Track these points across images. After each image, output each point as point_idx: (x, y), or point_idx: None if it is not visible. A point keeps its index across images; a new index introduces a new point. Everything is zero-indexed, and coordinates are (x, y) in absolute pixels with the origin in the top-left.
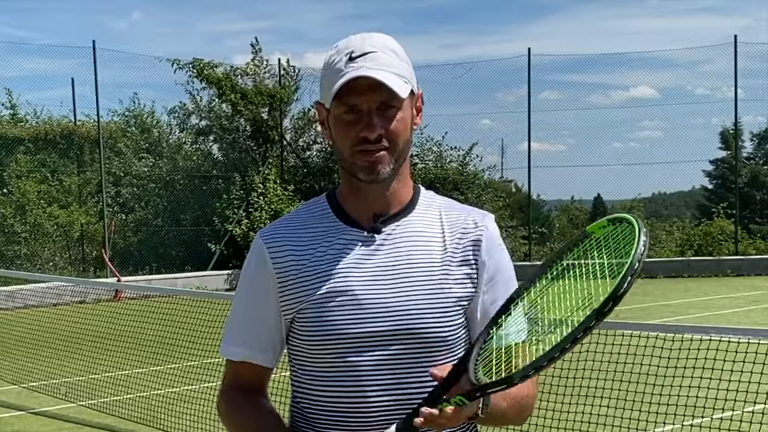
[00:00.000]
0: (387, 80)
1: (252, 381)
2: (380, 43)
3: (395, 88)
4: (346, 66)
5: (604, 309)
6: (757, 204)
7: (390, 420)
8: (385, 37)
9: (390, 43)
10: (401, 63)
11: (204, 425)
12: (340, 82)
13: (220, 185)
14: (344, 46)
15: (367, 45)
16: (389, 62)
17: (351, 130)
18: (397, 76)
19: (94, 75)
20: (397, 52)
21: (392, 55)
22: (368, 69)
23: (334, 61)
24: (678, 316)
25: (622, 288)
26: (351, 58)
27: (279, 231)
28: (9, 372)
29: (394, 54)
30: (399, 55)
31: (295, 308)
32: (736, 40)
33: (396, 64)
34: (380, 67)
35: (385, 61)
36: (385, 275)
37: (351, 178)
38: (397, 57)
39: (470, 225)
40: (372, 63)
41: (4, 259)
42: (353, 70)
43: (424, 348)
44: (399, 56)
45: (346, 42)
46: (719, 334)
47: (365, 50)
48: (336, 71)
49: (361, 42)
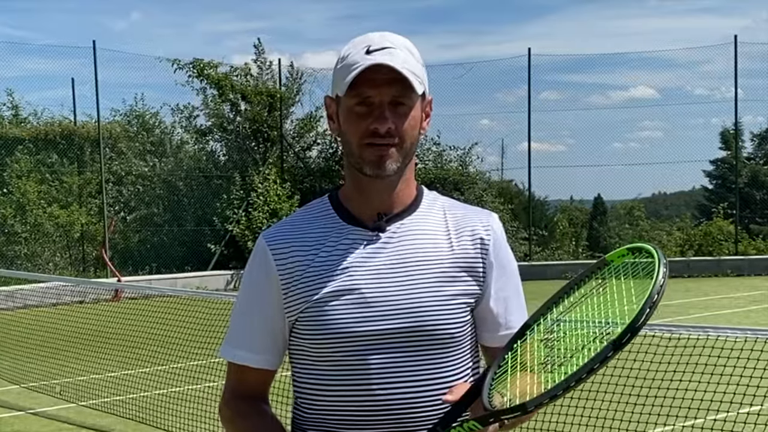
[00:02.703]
0: (404, 73)
1: (254, 385)
2: (398, 42)
3: (411, 81)
4: (363, 58)
5: (621, 340)
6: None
7: (397, 418)
8: (403, 37)
9: (407, 43)
10: (417, 63)
11: (204, 425)
12: (357, 70)
13: (220, 185)
14: (361, 41)
15: (385, 41)
16: (406, 59)
17: (362, 122)
18: (413, 74)
19: (94, 75)
20: (413, 53)
21: (409, 54)
22: (386, 60)
23: (350, 53)
24: (678, 316)
25: (640, 320)
26: (368, 51)
27: (282, 232)
28: (9, 372)
29: (410, 54)
30: (415, 56)
31: (299, 308)
32: (736, 40)
33: (412, 62)
34: (398, 62)
35: (402, 58)
36: (391, 273)
37: (356, 174)
38: (413, 57)
39: (476, 225)
40: (390, 57)
41: (4, 259)
42: (370, 60)
43: (431, 346)
44: (415, 57)
45: (364, 38)
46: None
47: (384, 45)
48: (351, 63)
49: (380, 38)
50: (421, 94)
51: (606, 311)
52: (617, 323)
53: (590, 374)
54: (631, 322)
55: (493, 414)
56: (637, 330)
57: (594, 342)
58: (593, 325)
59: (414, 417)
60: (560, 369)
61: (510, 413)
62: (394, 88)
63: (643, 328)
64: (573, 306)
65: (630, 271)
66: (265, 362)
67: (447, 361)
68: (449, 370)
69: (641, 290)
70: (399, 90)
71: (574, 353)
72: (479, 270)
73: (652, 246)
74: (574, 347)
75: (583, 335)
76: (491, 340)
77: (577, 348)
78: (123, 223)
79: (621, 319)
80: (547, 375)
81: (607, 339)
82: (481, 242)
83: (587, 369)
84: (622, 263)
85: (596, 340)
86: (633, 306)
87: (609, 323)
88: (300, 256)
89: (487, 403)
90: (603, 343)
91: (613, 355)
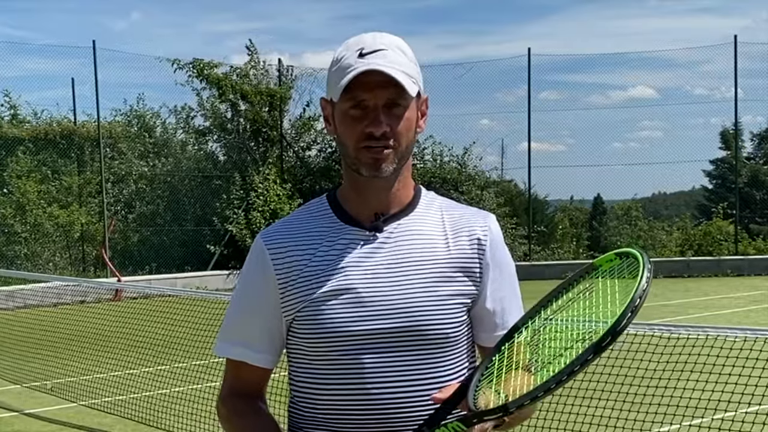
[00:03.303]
0: (397, 77)
1: (251, 383)
2: (391, 42)
3: (404, 84)
4: (356, 62)
5: (602, 343)
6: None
7: (393, 418)
8: (396, 37)
9: (400, 43)
10: (410, 63)
11: (204, 425)
12: (350, 75)
13: (220, 185)
14: (354, 43)
15: (378, 43)
16: (399, 61)
17: (357, 125)
18: (406, 75)
19: (94, 75)
20: (406, 53)
21: (402, 54)
22: (378, 65)
23: (344, 56)
24: (678, 316)
25: (621, 324)
26: (361, 54)
27: (280, 232)
28: (9, 372)
29: (403, 54)
30: (408, 56)
31: (296, 308)
32: (736, 40)
33: (405, 63)
34: (390, 65)
35: (395, 60)
36: (388, 273)
37: (353, 175)
38: (406, 57)
39: (473, 225)
40: (383, 60)
41: (4, 259)
42: (363, 65)
43: (426, 346)
44: (408, 57)
45: (357, 39)
46: (717, 333)
47: (376, 47)
48: (345, 66)
49: (372, 40)
50: (416, 94)
51: (591, 315)
52: (600, 326)
53: (571, 376)
54: (612, 326)
55: (476, 415)
56: (618, 333)
57: (577, 344)
58: (578, 329)
59: (408, 416)
60: (543, 371)
61: (492, 414)
62: (388, 91)
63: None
64: (561, 309)
65: (616, 276)
66: (262, 360)
67: (442, 361)
68: (444, 370)
69: (626, 294)
70: (393, 92)
71: (557, 356)
72: (476, 270)
73: (638, 250)
74: (558, 350)
75: (568, 338)
76: (488, 341)
77: (560, 351)
78: (123, 223)
79: (604, 323)
80: (530, 377)
81: (589, 341)
82: (478, 243)
83: (568, 371)
84: (609, 267)
85: (579, 342)
86: (616, 310)
87: (593, 326)
88: (297, 255)
89: (472, 404)
90: (585, 345)
91: (594, 358)
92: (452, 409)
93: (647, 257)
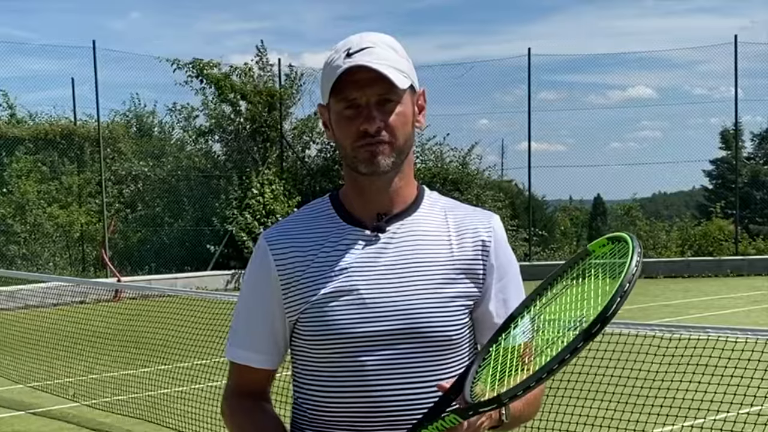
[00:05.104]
0: (384, 71)
1: (255, 384)
2: (378, 39)
3: (393, 78)
4: (344, 61)
5: (591, 330)
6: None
7: (395, 419)
8: (384, 35)
9: (388, 39)
10: (400, 58)
11: (205, 425)
12: (337, 74)
13: (220, 185)
14: (342, 45)
15: (364, 41)
16: (387, 56)
17: (351, 125)
18: (395, 70)
19: (94, 75)
20: (395, 49)
21: (390, 50)
22: (365, 61)
23: (333, 59)
24: (678, 316)
25: (610, 310)
26: (348, 54)
27: (282, 232)
28: (10, 372)
29: (392, 50)
30: (398, 51)
31: (299, 309)
32: (737, 40)
33: (394, 58)
34: (378, 61)
35: (382, 55)
36: (391, 274)
37: (354, 175)
38: (395, 53)
39: (477, 226)
40: (369, 57)
41: (4, 259)
42: (350, 63)
43: (429, 347)
44: (398, 52)
45: (345, 41)
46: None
47: (362, 45)
48: (334, 68)
49: (359, 39)
50: (409, 88)
51: (583, 302)
52: (590, 314)
53: (562, 365)
54: (601, 312)
55: (471, 407)
56: (607, 320)
57: (568, 333)
58: (570, 317)
59: (410, 417)
60: (535, 360)
61: (486, 406)
62: (378, 87)
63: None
64: (555, 297)
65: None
66: (266, 362)
67: (444, 362)
68: (446, 371)
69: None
70: (383, 88)
71: (549, 344)
72: (479, 272)
73: (628, 235)
74: (550, 338)
75: (560, 326)
76: None
77: (552, 339)
78: (123, 223)
79: (594, 310)
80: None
81: (580, 329)
82: (483, 244)
83: (558, 360)
84: (602, 252)
85: (570, 330)
86: (606, 296)
87: (583, 314)
88: (300, 256)
89: (468, 397)
90: (576, 333)
91: (584, 346)
92: (450, 402)
93: (637, 241)
